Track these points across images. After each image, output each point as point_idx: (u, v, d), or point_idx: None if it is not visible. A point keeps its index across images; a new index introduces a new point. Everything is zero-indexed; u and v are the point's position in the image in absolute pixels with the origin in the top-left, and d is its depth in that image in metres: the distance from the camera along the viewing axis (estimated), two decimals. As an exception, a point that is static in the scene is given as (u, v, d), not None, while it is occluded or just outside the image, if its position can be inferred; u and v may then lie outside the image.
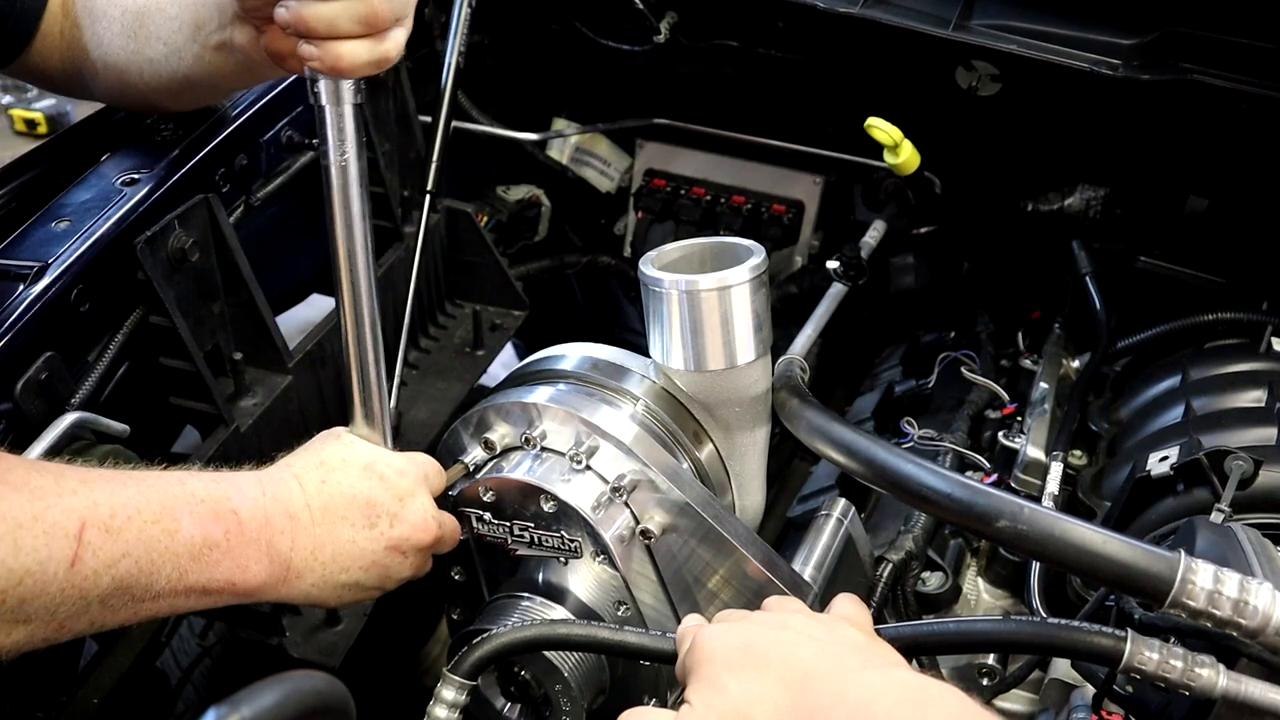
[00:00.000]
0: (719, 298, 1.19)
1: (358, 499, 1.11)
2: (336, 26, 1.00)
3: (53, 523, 0.87)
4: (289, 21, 1.01)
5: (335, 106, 1.05)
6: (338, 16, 1.00)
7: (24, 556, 0.85)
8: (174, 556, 0.95)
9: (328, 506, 1.09)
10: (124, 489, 0.95)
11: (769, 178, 2.13)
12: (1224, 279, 1.71)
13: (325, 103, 1.05)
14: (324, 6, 1.00)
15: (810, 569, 1.24)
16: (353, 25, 1.01)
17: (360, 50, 1.02)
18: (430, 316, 1.82)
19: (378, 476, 1.13)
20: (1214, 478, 1.18)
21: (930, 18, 1.64)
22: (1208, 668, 0.87)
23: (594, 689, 1.20)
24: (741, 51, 1.89)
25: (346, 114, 1.06)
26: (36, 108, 4.95)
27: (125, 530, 0.92)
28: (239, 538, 1.01)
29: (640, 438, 1.19)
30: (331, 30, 1.00)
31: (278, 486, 1.07)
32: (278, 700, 0.67)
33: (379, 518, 1.12)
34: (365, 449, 1.16)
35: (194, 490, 1.00)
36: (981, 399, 1.65)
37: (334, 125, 1.06)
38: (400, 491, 1.14)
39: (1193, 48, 1.52)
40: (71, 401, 1.16)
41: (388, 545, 1.12)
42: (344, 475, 1.12)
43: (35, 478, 0.89)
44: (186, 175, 1.33)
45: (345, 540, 1.09)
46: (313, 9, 1.00)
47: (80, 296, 1.19)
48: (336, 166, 1.08)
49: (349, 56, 1.02)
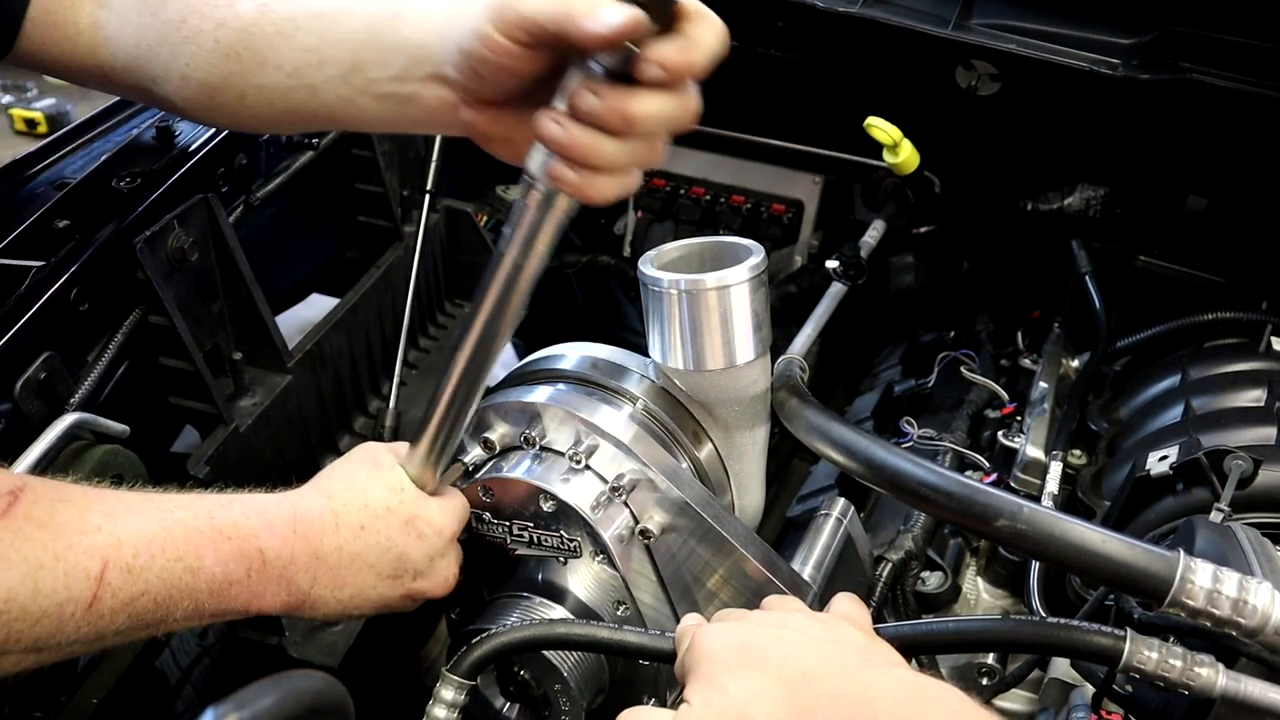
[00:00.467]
0: (718, 297, 1.19)
1: (391, 552, 1.08)
2: (612, 164, 0.89)
3: (74, 563, 0.86)
4: (564, 145, 0.88)
5: (541, 213, 0.95)
6: (619, 157, 0.88)
7: (43, 599, 0.84)
8: (193, 593, 0.94)
9: (359, 554, 1.06)
10: (150, 523, 0.92)
11: (768, 177, 2.13)
12: (1223, 278, 1.71)
13: (532, 206, 0.95)
14: (611, 145, 0.87)
15: (809, 569, 1.24)
16: (625, 164, 0.90)
17: (612, 186, 0.91)
18: (430, 316, 1.82)
19: (417, 534, 1.10)
20: (1213, 477, 1.18)
21: (930, 17, 1.64)
22: (1207, 667, 0.87)
23: (593, 689, 1.20)
24: (741, 51, 1.88)
25: (550, 223, 0.96)
26: (36, 107, 4.95)
27: (147, 570, 0.90)
28: (260, 575, 0.99)
29: (639, 437, 1.19)
30: (606, 166, 0.89)
31: (310, 525, 1.04)
32: (276, 700, 0.67)
33: (405, 572, 1.11)
34: (412, 500, 1.11)
35: (221, 526, 0.97)
36: (981, 398, 1.65)
37: (530, 226, 0.96)
38: (433, 552, 1.12)
39: (1192, 47, 1.52)
40: (71, 401, 1.17)
41: (404, 594, 1.12)
42: (384, 525, 1.08)
43: (61, 513, 0.87)
44: (186, 175, 1.33)
45: (367, 586, 1.08)
46: (599, 144, 0.87)
47: (80, 296, 1.19)
48: (513, 265, 0.98)
49: (608, 192, 0.91)
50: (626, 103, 0.86)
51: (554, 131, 0.88)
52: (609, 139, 0.88)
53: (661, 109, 0.87)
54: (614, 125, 0.86)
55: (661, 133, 0.90)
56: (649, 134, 0.89)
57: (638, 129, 0.87)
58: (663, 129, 0.90)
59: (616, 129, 0.87)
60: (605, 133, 0.87)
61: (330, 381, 1.55)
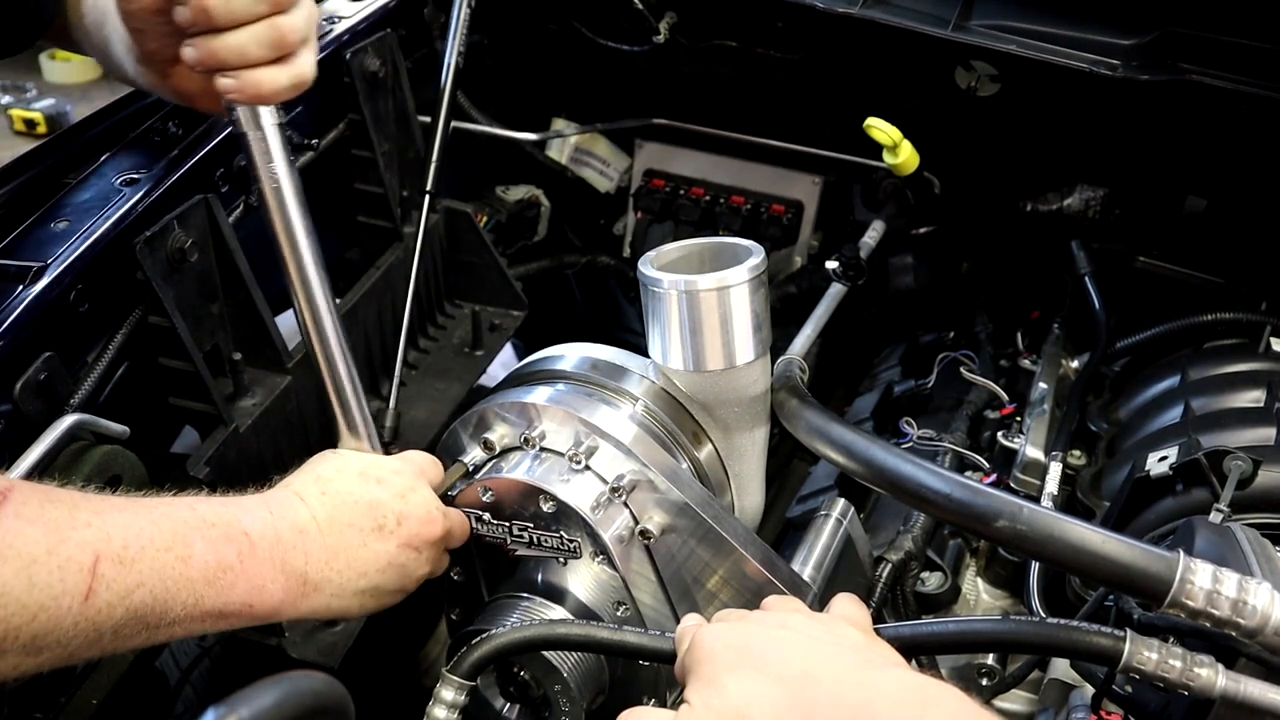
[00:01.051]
0: (718, 298, 1.19)
1: (360, 503, 1.12)
2: (247, 55, 1.01)
3: (67, 557, 0.87)
4: (199, 59, 1.01)
5: (257, 131, 1.07)
6: (247, 44, 1.00)
7: (38, 592, 0.85)
8: (189, 583, 0.95)
9: (333, 516, 1.10)
10: (136, 519, 0.94)
11: (768, 178, 2.13)
12: (1223, 279, 1.72)
13: (246, 129, 1.07)
14: (231, 37, 1.00)
15: (809, 569, 1.24)
16: (264, 51, 1.01)
17: (279, 75, 1.03)
18: (429, 317, 1.82)
19: (374, 479, 1.15)
20: (1213, 478, 1.18)
21: (929, 18, 1.64)
22: (1206, 667, 0.87)
23: (593, 689, 1.20)
24: (740, 52, 1.89)
25: (270, 136, 1.07)
26: (36, 108, 4.95)
27: (139, 561, 0.92)
28: (252, 558, 1.01)
29: (639, 438, 1.19)
30: (244, 59, 1.01)
31: (282, 505, 1.08)
32: (276, 701, 0.67)
33: (385, 518, 1.13)
34: (358, 457, 1.19)
35: (204, 515, 1.00)
36: (980, 399, 1.65)
37: (259, 150, 1.08)
38: (400, 489, 1.15)
39: (1191, 48, 1.53)
40: (71, 402, 1.16)
41: (399, 544, 1.13)
42: (342, 483, 1.13)
43: (49, 510, 0.89)
44: (186, 175, 1.33)
45: (356, 545, 1.10)
46: (221, 41, 1.00)
47: (79, 297, 1.19)
48: (270, 190, 1.09)
49: (269, 82, 1.03)
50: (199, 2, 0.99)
51: (189, 54, 1.02)
52: (219, 36, 1.00)
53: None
54: (203, 23, 1.00)
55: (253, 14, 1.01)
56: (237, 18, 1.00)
57: (218, 17, 1.00)
58: (251, 9, 1.00)
59: (205, 24, 1.00)
60: (210, 32, 1.00)
61: (330, 382, 1.55)
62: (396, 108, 1.70)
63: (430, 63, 1.81)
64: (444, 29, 1.78)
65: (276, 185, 1.09)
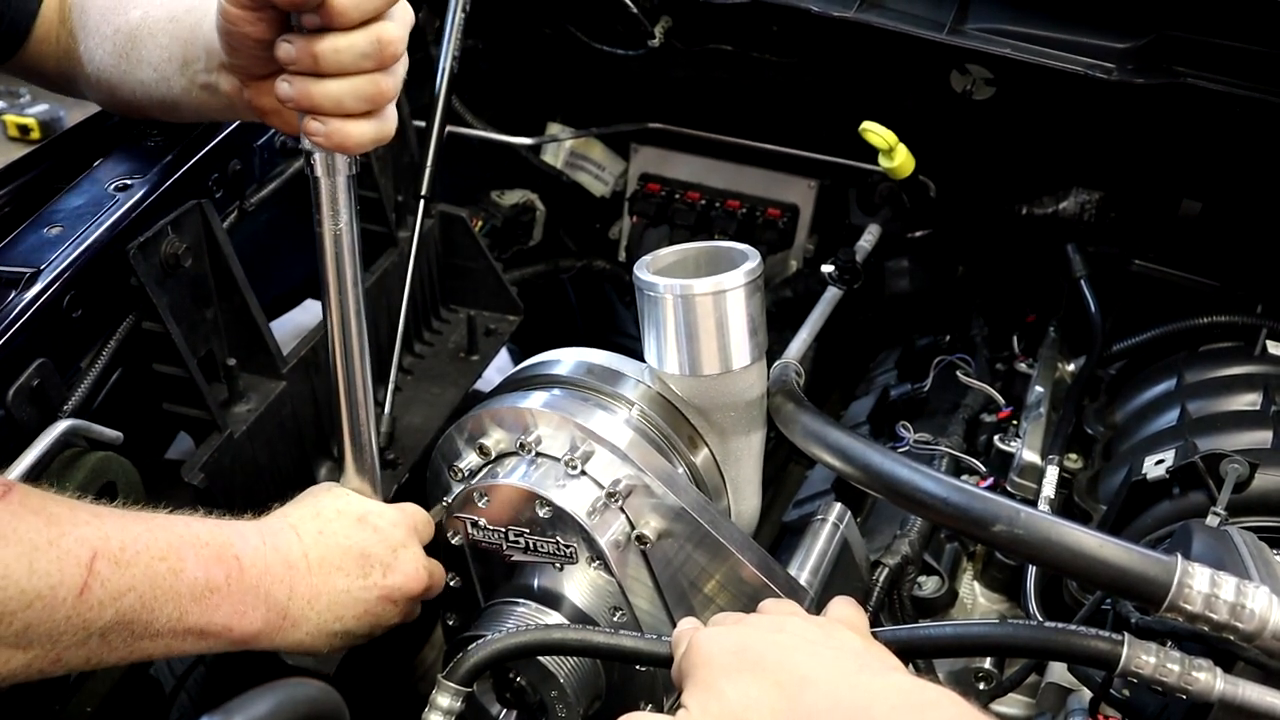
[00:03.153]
0: (714, 302, 1.19)
1: (353, 550, 1.14)
2: (343, 105, 0.99)
3: (66, 549, 0.88)
4: (292, 98, 0.99)
5: (330, 178, 1.05)
6: (345, 96, 0.98)
7: (37, 579, 0.86)
8: (176, 596, 0.97)
9: (324, 557, 1.11)
10: (133, 525, 0.96)
11: (764, 182, 2.13)
12: (1219, 282, 1.72)
13: (320, 174, 1.05)
14: (333, 85, 0.97)
15: (806, 574, 1.24)
16: (359, 104, 0.99)
17: (366, 129, 1.01)
18: (425, 321, 1.82)
19: (371, 528, 1.17)
20: (1210, 481, 1.18)
21: (924, 21, 1.64)
22: (1205, 671, 0.87)
23: (590, 694, 1.19)
24: (736, 55, 1.89)
25: (341, 185, 1.06)
26: (29, 113, 4.95)
27: (133, 565, 0.93)
28: (239, 583, 1.02)
29: (635, 443, 1.19)
30: (338, 109, 0.99)
31: (277, 536, 1.09)
32: (271, 709, 0.66)
33: (372, 568, 1.15)
34: (359, 501, 1.20)
35: (199, 533, 1.02)
36: (977, 403, 1.65)
37: (328, 196, 1.06)
38: (394, 543, 1.17)
39: (1186, 51, 1.53)
40: (64, 408, 1.16)
41: (380, 595, 1.15)
42: (339, 526, 1.15)
43: (51, 505, 0.91)
44: (180, 181, 1.32)
45: (340, 590, 1.12)
46: (321, 88, 0.97)
47: (73, 302, 1.19)
48: (330, 235, 1.08)
49: (356, 135, 1.00)
50: (311, 44, 0.96)
51: (284, 90, 1.00)
52: (320, 81, 0.97)
53: (349, 45, 0.96)
54: (307, 66, 0.97)
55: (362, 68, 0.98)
56: (343, 69, 0.97)
57: (325, 65, 0.97)
58: (358, 63, 0.98)
59: (309, 68, 0.97)
60: (311, 76, 0.98)
61: (325, 388, 1.54)
62: (391, 112, 1.70)
63: (425, 67, 1.81)
64: (439, 34, 1.78)
65: (338, 233, 1.08)
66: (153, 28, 1.20)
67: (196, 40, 1.15)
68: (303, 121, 1.01)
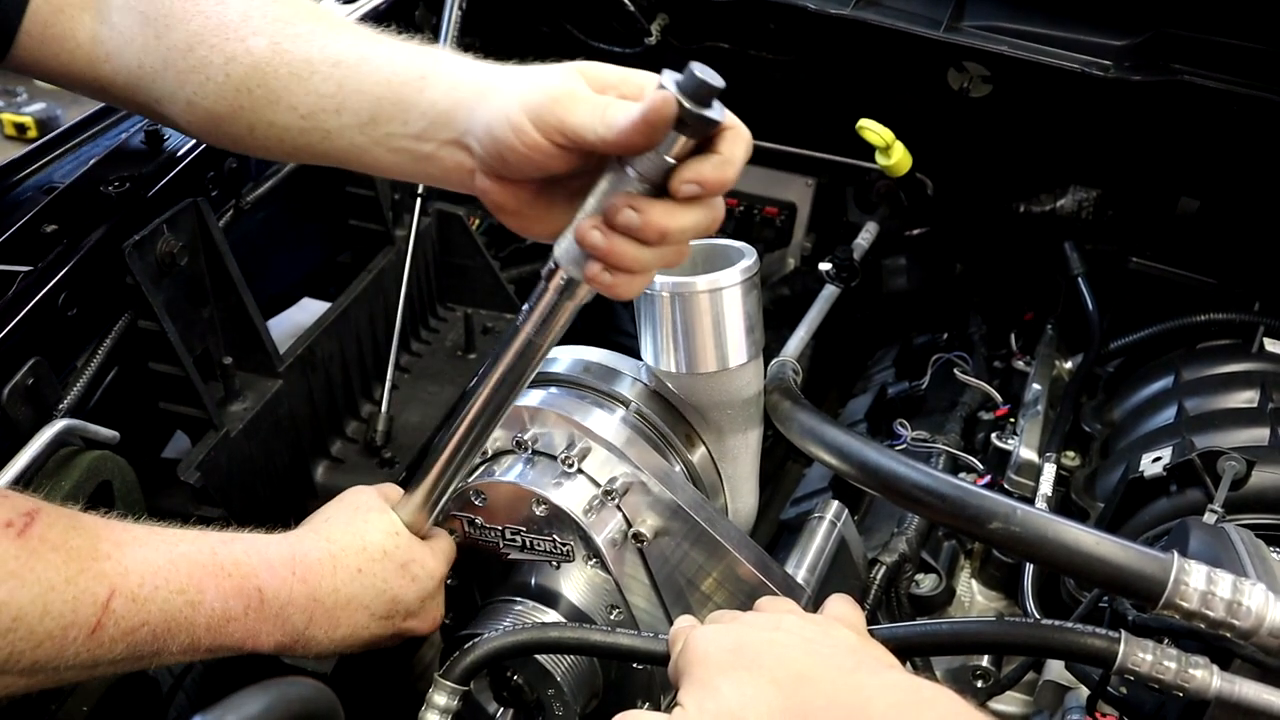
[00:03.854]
0: (711, 300, 1.19)
1: (386, 595, 1.11)
2: (645, 268, 0.92)
3: (84, 588, 0.87)
4: (602, 252, 0.90)
5: (563, 298, 0.98)
6: (652, 262, 0.92)
7: (49, 621, 0.85)
8: (191, 626, 0.95)
9: (355, 596, 1.08)
10: (155, 555, 0.94)
11: (761, 180, 2.13)
12: (1216, 280, 1.71)
13: (555, 291, 0.98)
14: (645, 253, 0.90)
15: (803, 571, 1.23)
16: (656, 267, 0.93)
17: (642, 284, 0.95)
18: (422, 320, 1.82)
19: (411, 577, 1.13)
20: (1207, 478, 1.18)
21: (921, 19, 1.64)
22: (1201, 669, 0.87)
23: (587, 693, 1.19)
24: (732, 53, 1.89)
25: (568, 309, 0.99)
26: (26, 112, 4.94)
27: (151, 600, 0.91)
28: (258, 614, 1.00)
29: (632, 441, 1.19)
30: (637, 269, 0.92)
31: (309, 568, 1.05)
32: (264, 708, 0.66)
33: (397, 613, 1.13)
34: (407, 545, 1.13)
35: (223, 562, 0.98)
36: (974, 400, 1.65)
37: (548, 308, 0.99)
38: (425, 594, 1.15)
39: (1183, 48, 1.53)
40: (59, 407, 1.16)
41: (393, 633, 1.14)
42: (381, 569, 1.10)
43: (72, 537, 0.89)
44: (175, 179, 1.32)
45: (360, 626, 1.10)
46: (635, 252, 0.90)
47: (68, 301, 1.18)
48: (527, 341, 1.02)
49: (635, 289, 0.94)
50: (663, 218, 0.89)
51: (595, 240, 0.90)
52: (643, 247, 0.90)
53: (695, 221, 0.91)
54: (650, 238, 0.90)
55: (694, 235, 0.93)
56: (680, 243, 0.92)
57: (671, 240, 0.91)
58: (692, 237, 0.93)
59: (652, 241, 0.90)
60: (640, 243, 0.90)
61: (321, 386, 1.55)
62: (388, 110, 1.69)
63: (422, 65, 1.81)
64: (436, 31, 1.78)
65: (534, 342, 1.02)
66: (296, 67, 1.05)
67: (405, 102, 1.01)
68: (587, 265, 0.92)
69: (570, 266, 0.95)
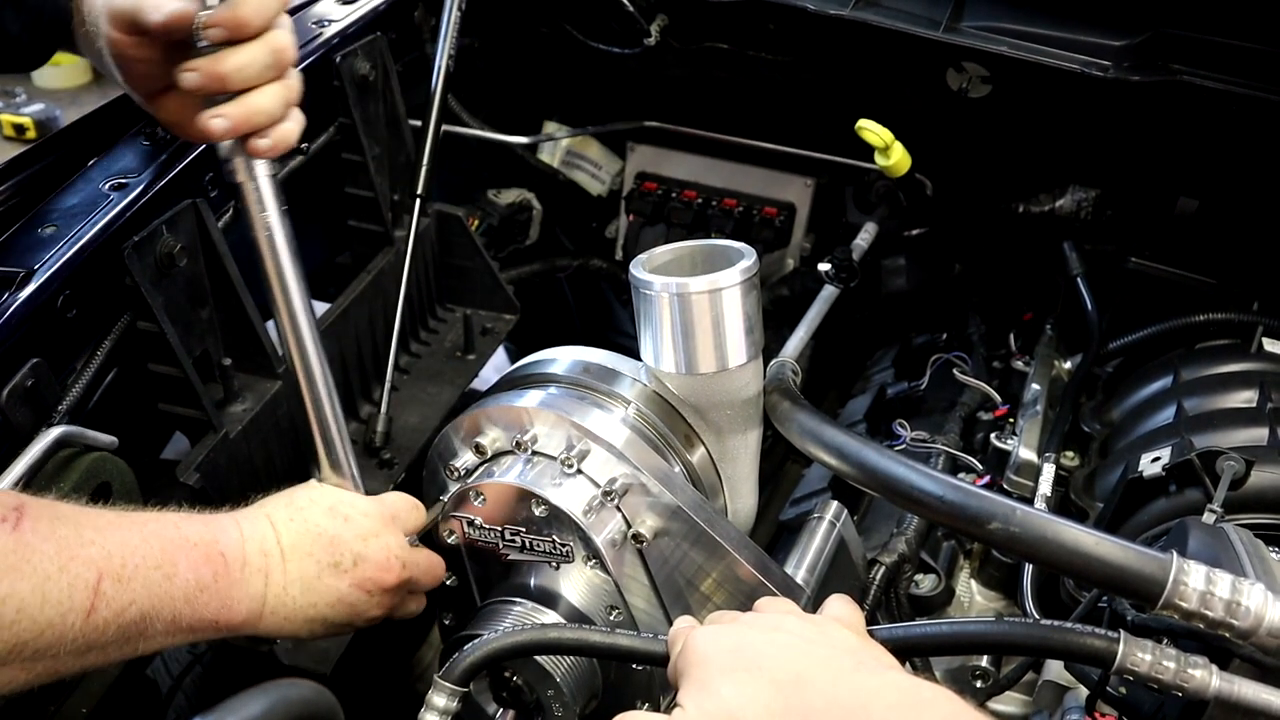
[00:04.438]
0: (710, 300, 1.19)
1: (323, 537, 1.14)
2: (273, 114, 1.02)
3: (75, 574, 0.91)
4: (200, 83, 1.01)
5: (252, 181, 1.07)
6: (252, 62, 1.00)
7: (49, 609, 0.88)
8: (171, 600, 0.99)
9: (295, 543, 1.12)
10: (130, 535, 0.98)
11: (760, 180, 2.13)
12: (1215, 280, 1.71)
13: (241, 178, 1.07)
14: (237, 53, 1.00)
15: (803, 572, 1.23)
16: (265, 70, 1.01)
17: (293, 129, 1.05)
18: (421, 321, 1.82)
19: (342, 517, 1.17)
20: (1206, 478, 1.18)
21: (920, 19, 1.64)
22: (1201, 669, 0.87)
23: (586, 694, 1.19)
24: (732, 54, 1.89)
25: (264, 185, 1.08)
26: (25, 112, 4.94)
27: (134, 579, 0.95)
28: (225, 579, 1.04)
29: (631, 441, 1.19)
30: (245, 79, 1.01)
31: (252, 525, 1.11)
32: (264, 710, 0.66)
33: (342, 556, 1.14)
34: (333, 492, 1.20)
35: (187, 534, 1.03)
36: (974, 401, 1.65)
37: (253, 199, 1.09)
38: (363, 531, 1.17)
39: (1182, 49, 1.53)
40: (59, 409, 1.16)
41: (351, 583, 1.14)
42: (311, 514, 1.15)
43: (59, 528, 0.92)
44: (175, 180, 1.32)
45: (311, 576, 1.12)
46: (229, 59, 1.00)
47: (67, 302, 1.18)
48: (263, 236, 1.10)
49: (290, 136, 1.04)
50: (212, 65, 0.99)
51: (190, 80, 1.01)
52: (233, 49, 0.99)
53: (250, 59, 1.00)
54: (215, 87, 1.00)
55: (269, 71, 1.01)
56: (252, 79, 1.01)
57: (232, 82, 1.00)
58: (265, 71, 1.01)
59: (219, 88, 1.00)
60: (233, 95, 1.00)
61: (320, 387, 1.54)
62: (387, 111, 1.70)
63: (421, 66, 1.81)
64: (434, 32, 1.78)
65: (269, 233, 1.11)
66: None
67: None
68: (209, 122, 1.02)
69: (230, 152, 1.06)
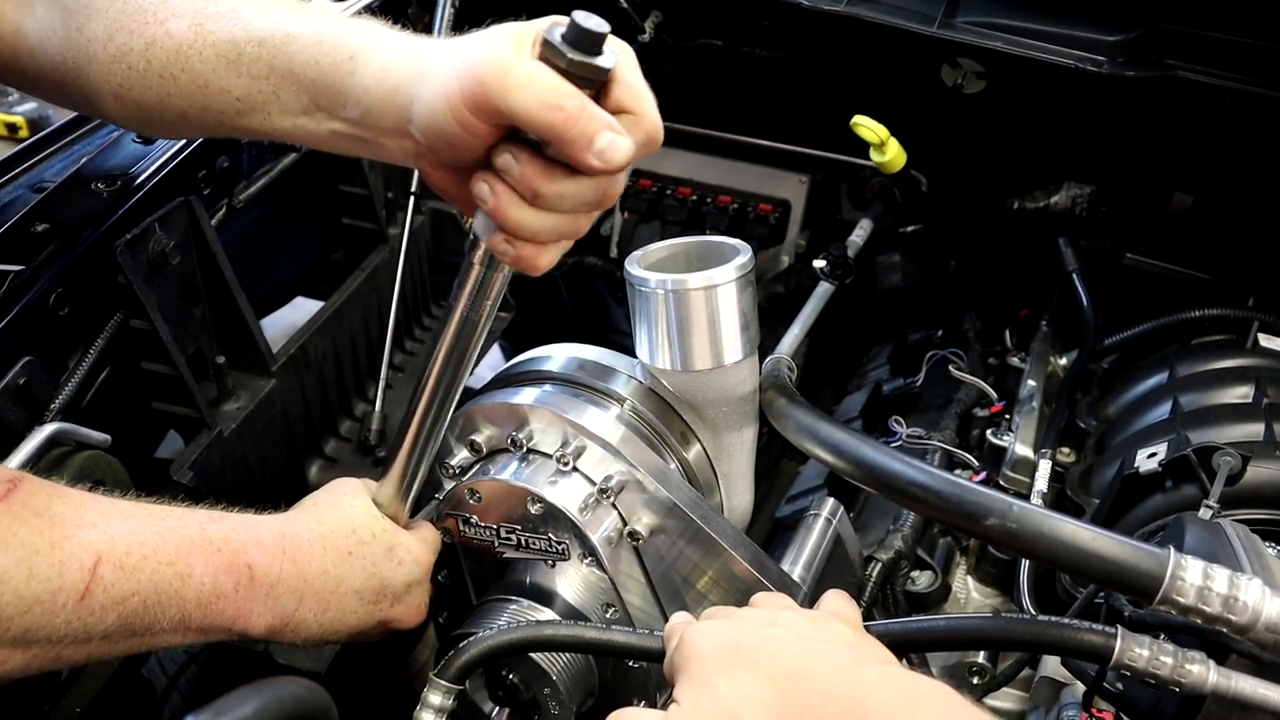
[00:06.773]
0: (705, 297, 1.18)
1: (374, 578, 1.12)
2: (540, 237, 0.91)
3: (69, 553, 0.87)
4: (484, 201, 0.90)
5: (489, 271, 0.99)
6: (546, 231, 0.90)
7: (36, 585, 0.85)
8: (181, 600, 0.95)
9: (344, 579, 1.09)
10: (142, 527, 0.94)
11: (755, 177, 2.12)
12: (1210, 275, 1.72)
13: (478, 264, 0.99)
14: (536, 218, 0.89)
15: (799, 569, 1.23)
16: (556, 238, 0.92)
17: (552, 256, 0.94)
18: (415, 319, 1.81)
19: (398, 561, 1.15)
20: (1202, 474, 1.18)
21: (915, 15, 1.64)
22: (1198, 664, 0.87)
23: (583, 691, 1.19)
24: (726, 50, 1.89)
25: (497, 281, 1.01)
26: (18, 111, 4.92)
27: (139, 570, 0.91)
28: (248, 591, 1.00)
29: (627, 439, 1.19)
30: (535, 238, 0.91)
31: (299, 548, 1.06)
32: (257, 709, 0.66)
33: (384, 598, 1.13)
34: (394, 530, 1.16)
35: (212, 537, 0.99)
36: (969, 397, 1.65)
37: (475, 284, 1.01)
38: (410, 579, 1.16)
39: (1177, 44, 1.52)
40: (51, 407, 1.15)
41: (380, 620, 1.14)
42: (370, 551, 1.12)
43: (57, 505, 0.89)
44: (167, 177, 1.32)
45: (348, 610, 1.10)
46: (526, 215, 0.89)
47: (60, 300, 1.18)
48: (466, 320, 1.04)
49: (544, 262, 0.93)
50: (538, 179, 0.87)
51: (482, 192, 0.89)
52: (527, 208, 0.89)
53: (576, 193, 0.89)
54: (525, 194, 0.88)
55: (578, 211, 0.91)
56: (562, 210, 0.89)
57: (544, 203, 0.88)
58: (578, 209, 0.90)
59: (527, 199, 0.88)
60: (524, 201, 0.88)
61: (315, 385, 1.54)
62: (381, 108, 1.69)
63: (415, 63, 1.80)
64: (428, 28, 1.77)
65: (473, 320, 1.04)
66: (222, 49, 1.00)
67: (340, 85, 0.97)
68: (490, 235, 0.93)
69: (485, 237, 0.94)
